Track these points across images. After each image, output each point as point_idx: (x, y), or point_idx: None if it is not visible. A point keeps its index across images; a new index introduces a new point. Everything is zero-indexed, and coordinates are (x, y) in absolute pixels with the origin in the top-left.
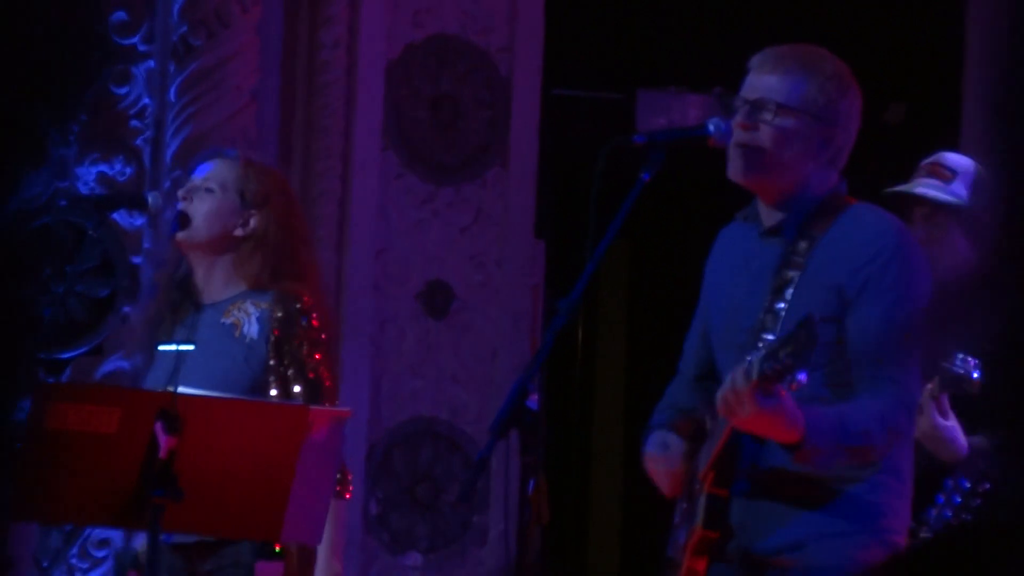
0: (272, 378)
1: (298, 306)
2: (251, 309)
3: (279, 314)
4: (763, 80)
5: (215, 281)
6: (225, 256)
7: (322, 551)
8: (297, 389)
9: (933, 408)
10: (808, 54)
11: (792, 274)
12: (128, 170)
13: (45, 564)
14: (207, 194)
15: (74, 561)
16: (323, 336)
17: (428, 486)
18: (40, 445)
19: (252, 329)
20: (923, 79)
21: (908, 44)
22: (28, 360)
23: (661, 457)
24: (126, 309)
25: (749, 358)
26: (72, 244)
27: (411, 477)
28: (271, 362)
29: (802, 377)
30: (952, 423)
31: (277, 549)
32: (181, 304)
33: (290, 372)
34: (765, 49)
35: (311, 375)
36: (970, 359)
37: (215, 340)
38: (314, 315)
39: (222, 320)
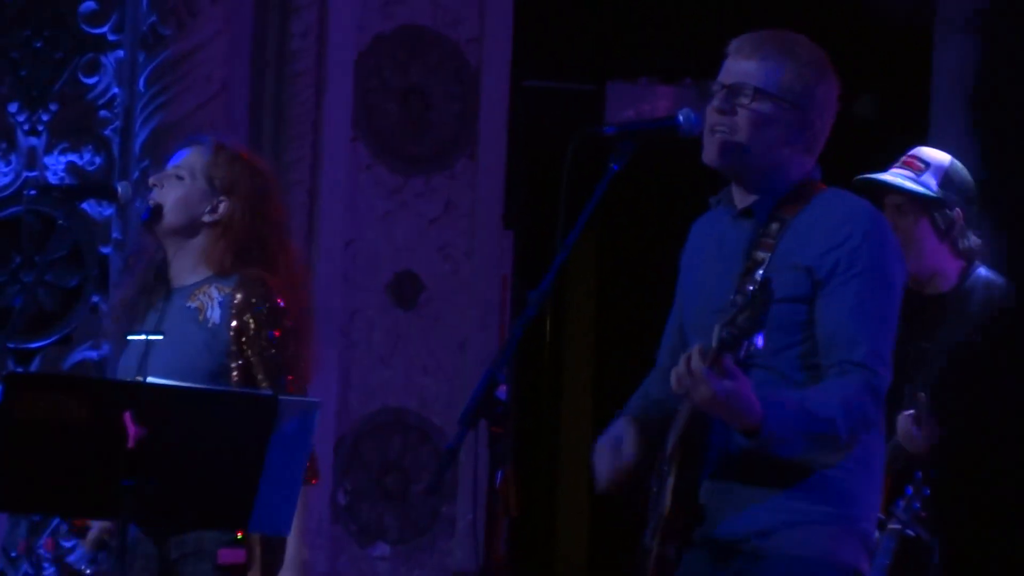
0: (234, 363)
1: (261, 290)
2: (215, 294)
3: (240, 298)
4: (740, 65)
5: (184, 266)
6: (193, 241)
7: (290, 538)
8: (259, 376)
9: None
10: (786, 40)
11: (762, 255)
12: (97, 160)
13: (13, 554)
14: (177, 181)
15: (42, 551)
16: (288, 321)
17: (397, 477)
18: (9, 435)
19: (215, 314)
20: (893, 70)
21: (878, 35)
22: None
23: (612, 453)
24: (95, 299)
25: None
26: (41, 234)
27: (380, 468)
28: (232, 347)
29: (759, 341)
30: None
31: (239, 536)
32: (154, 288)
33: (252, 358)
34: (743, 35)
35: (273, 360)
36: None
37: (180, 325)
38: (278, 300)
39: (187, 304)
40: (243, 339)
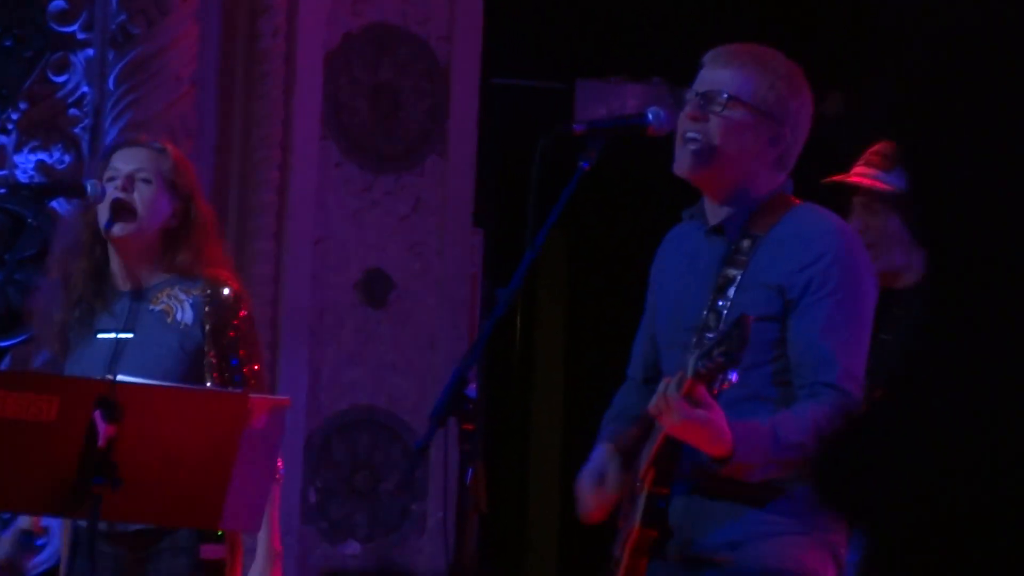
0: (207, 361)
1: (227, 292)
2: (182, 296)
3: (210, 299)
4: (715, 74)
5: (140, 269)
6: (154, 245)
7: (262, 534)
8: (232, 373)
9: None
10: (762, 52)
11: (734, 273)
12: (67, 158)
13: None
14: (145, 185)
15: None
16: (252, 322)
17: (367, 474)
18: None
19: (186, 315)
20: (860, 68)
21: (845, 32)
22: None
23: (595, 486)
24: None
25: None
26: (11, 232)
27: (350, 465)
28: (206, 347)
29: (733, 376)
30: None
31: (220, 532)
32: (100, 292)
33: (227, 355)
34: (719, 46)
35: (245, 357)
36: None
37: (145, 329)
38: (243, 300)
39: (150, 307)
40: (217, 337)
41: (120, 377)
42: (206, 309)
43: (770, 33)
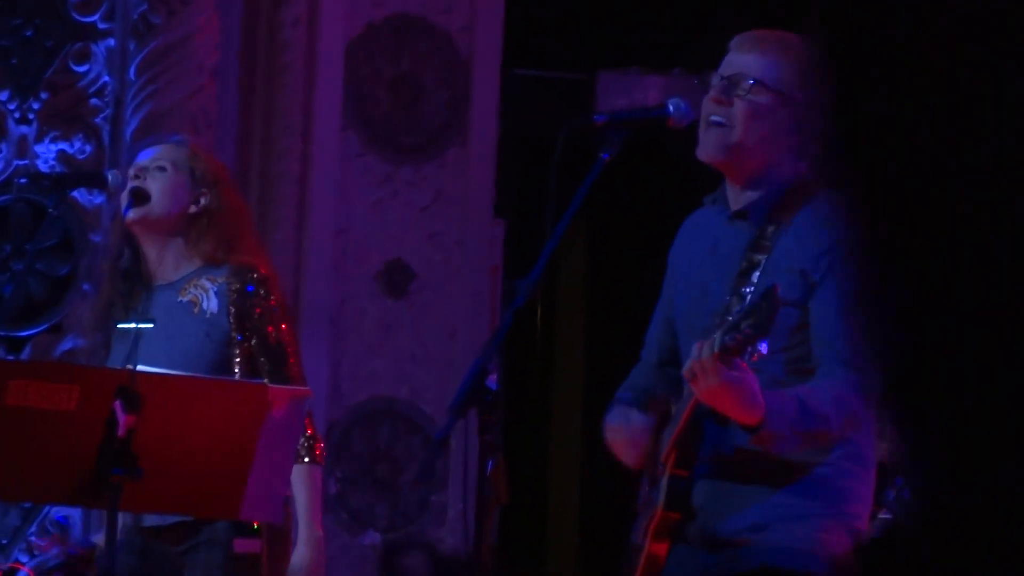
0: (236, 351)
1: (255, 276)
2: (207, 284)
3: (237, 286)
4: (741, 59)
5: (168, 261)
6: (177, 235)
7: (302, 517)
8: (262, 359)
9: None
10: (788, 38)
11: (759, 258)
12: (88, 148)
13: (4, 542)
14: (159, 172)
15: (33, 539)
16: (283, 305)
17: (387, 466)
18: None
19: (211, 304)
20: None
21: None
22: None
23: (622, 427)
24: (86, 287)
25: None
26: (32, 222)
27: (370, 457)
28: (234, 335)
29: (763, 347)
30: None
31: (255, 526)
32: (132, 291)
33: (253, 343)
34: (746, 32)
35: (274, 343)
36: None
37: (174, 320)
38: (271, 285)
39: (179, 299)
40: (245, 326)
41: (140, 367)
42: (232, 296)
43: (788, 20)
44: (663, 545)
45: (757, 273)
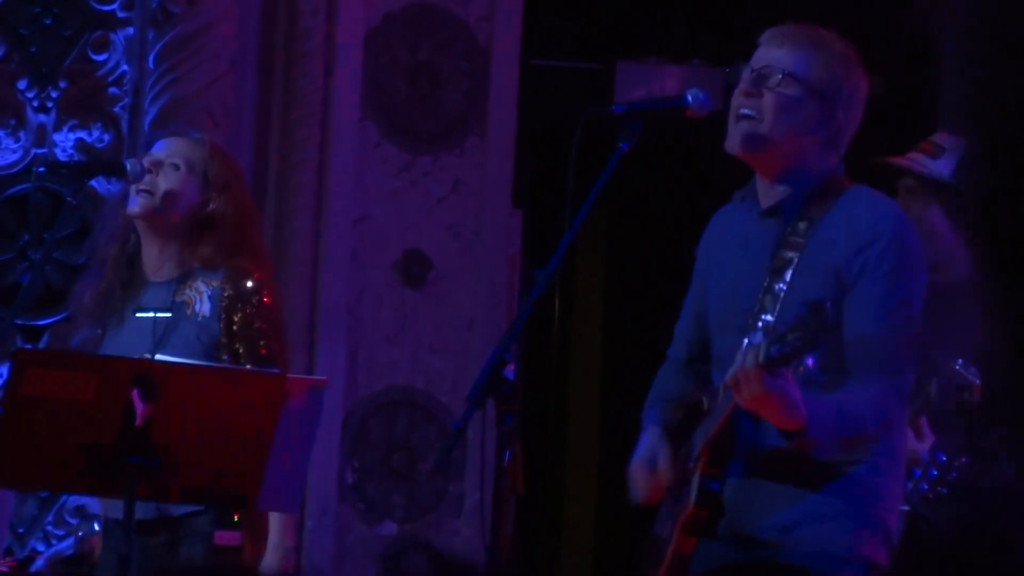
0: (224, 356)
1: (249, 284)
2: (202, 287)
3: (230, 292)
4: (771, 53)
5: (166, 259)
6: (180, 235)
7: (275, 524)
8: (248, 367)
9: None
10: (818, 32)
11: (791, 255)
12: (106, 137)
13: (21, 531)
14: (173, 170)
15: (49, 528)
16: (275, 315)
17: (404, 455)
18: (17, 411)
19: (204, 307)
20: (902, 51)
21: (887, 16)
22: (5, 326)
23: (647, 471)
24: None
25: (755, 340)
26: (50, 211)
27: (387, 446)
28: (223, 339)
29: (810, 362)
30: (925, 445)
31: (235, 519)
32: (132, 280)
33: (240, 349)
34: (776, 26)
35: (263, 352)
36: (970, 367)
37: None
38: (265, 292)
39: (174, 299)
40: (233, 331)
41: (158, 356)
42: (224, 302)
43: (810, 14)
44: (691, 541)
45: (790, 271)
